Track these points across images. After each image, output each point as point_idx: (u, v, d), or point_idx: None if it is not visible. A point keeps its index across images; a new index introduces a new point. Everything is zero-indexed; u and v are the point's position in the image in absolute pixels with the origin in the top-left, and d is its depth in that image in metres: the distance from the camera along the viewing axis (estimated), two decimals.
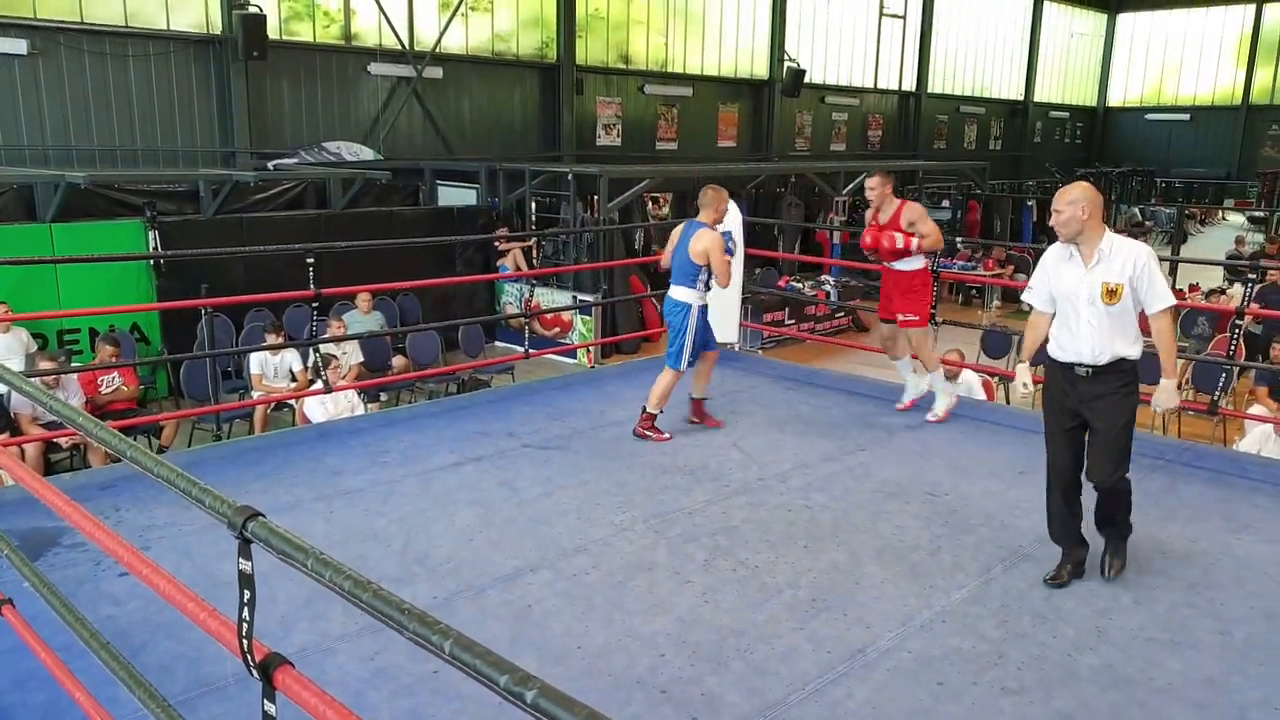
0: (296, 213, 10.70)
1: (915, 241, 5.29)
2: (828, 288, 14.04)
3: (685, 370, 5.31)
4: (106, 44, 11.51)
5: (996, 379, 8.14)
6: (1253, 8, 28.23)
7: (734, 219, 6.81)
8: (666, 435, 5.24)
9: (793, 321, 12.64)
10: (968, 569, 3.76)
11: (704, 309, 5.28)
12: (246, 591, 1.57)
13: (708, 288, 5.26)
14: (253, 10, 12.05)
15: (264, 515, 1.56)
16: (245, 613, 1.56)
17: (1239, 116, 28.89)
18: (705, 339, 5.35)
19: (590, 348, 10.82)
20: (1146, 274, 3.42)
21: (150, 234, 9.00)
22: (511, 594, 3.48)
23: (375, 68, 14.02)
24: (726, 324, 6.85)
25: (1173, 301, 3.47)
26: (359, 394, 7.56)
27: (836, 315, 13.33)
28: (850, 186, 16.09)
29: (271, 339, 7.79)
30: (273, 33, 12.59)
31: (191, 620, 1.76)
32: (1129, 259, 3.44)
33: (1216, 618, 3.39)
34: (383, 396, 8.42)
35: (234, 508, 1.56)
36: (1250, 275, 5.46)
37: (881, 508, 4.37)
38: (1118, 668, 3.06)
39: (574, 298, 11.35)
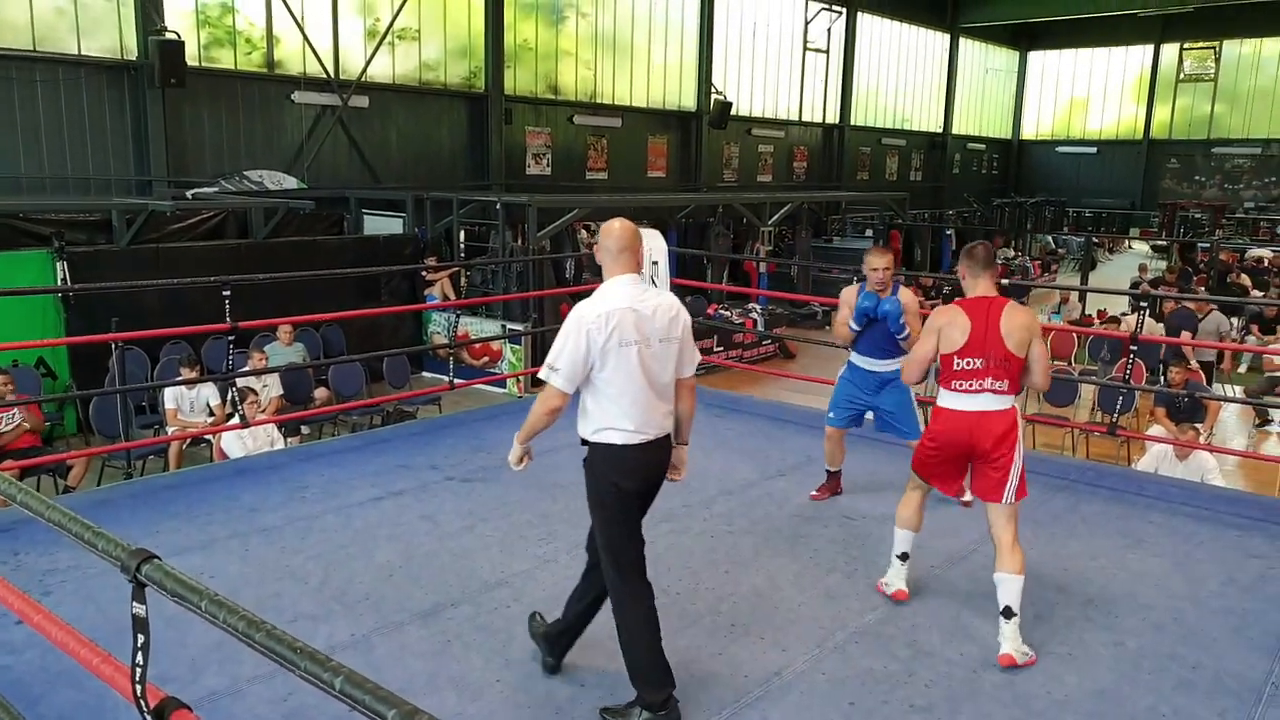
0: (215, 242, 10.46)
1: None
2: (755, 316, 14.28)
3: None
4: (13, 69, 11.13)
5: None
6: (1151, 48, 29.88)
7: (660, 249, 6.96)
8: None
9: (721, 349, 12.81)
10: None
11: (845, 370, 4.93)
12: (140, 635, 1.55)
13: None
14: (170, 37, 11.81)
15: (159, 558, 1.55)
16: (139, 657, 1.54)
17: (1141, 150, 30.47)
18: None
19: (520, 377, 10.79)
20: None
21: (58, 265, 8.70)
22: (431, 629, 3.46)
23: (299, 96, 13.85)
24: None
25: (545, 375, 2.92)
26: (279, 428, 7.40)
27: (763, 343, 13.56)
28: (775, 217, 16.44)
29: (187, 373, 7.59)
30: (192, 59, 12.33)
31: (85, 667, 1.73)
32: None
33: (1111, 630, 3.56)
34: (304, 430, 8.25)
35: (128, 550, 1.55)
36: (1143, 304, 5.77)
37: (800, 531, 4.47)
38: (1019, 683, 3.18)
39: (503, 327, 11.33)
